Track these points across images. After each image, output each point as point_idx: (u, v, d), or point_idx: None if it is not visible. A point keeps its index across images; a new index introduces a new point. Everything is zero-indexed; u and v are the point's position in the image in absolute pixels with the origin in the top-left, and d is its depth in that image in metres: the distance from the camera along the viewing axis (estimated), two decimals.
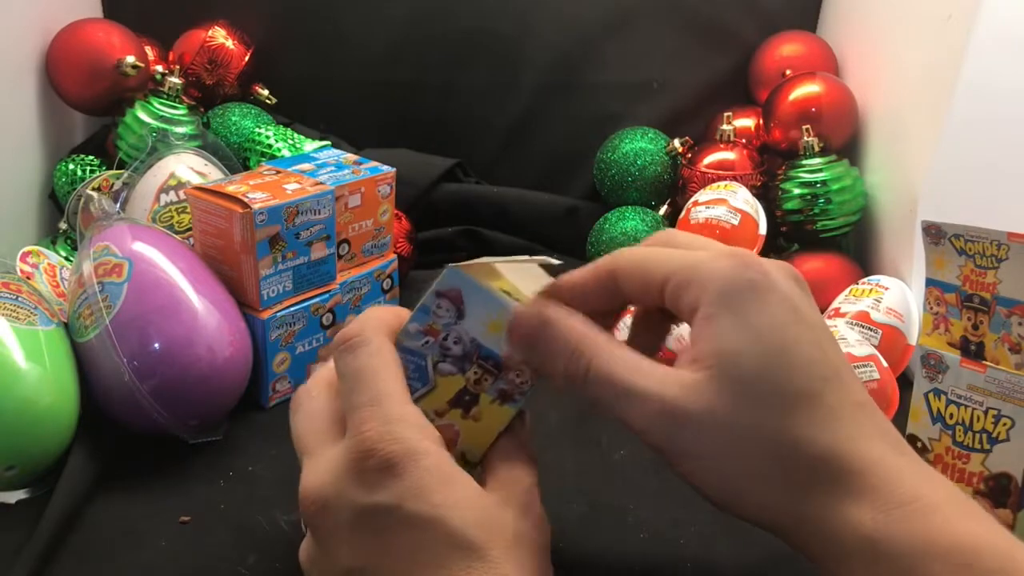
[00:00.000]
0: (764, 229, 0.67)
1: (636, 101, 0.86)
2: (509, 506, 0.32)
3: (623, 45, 0.85)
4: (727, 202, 0.66)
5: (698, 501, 0.31)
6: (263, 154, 0.74)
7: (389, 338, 0.34)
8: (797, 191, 0.71)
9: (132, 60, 0.72)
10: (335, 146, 0.77)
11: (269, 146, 0.74)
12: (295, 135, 0.76)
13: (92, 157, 0.74)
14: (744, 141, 0.77)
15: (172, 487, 0.47)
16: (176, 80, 0.74)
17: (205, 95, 0.81)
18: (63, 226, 0.70)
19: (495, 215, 0.82)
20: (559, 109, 0.87)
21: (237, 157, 0.74)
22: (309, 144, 0.75)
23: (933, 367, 0.44)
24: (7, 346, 0.45)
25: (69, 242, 0.70)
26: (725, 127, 0.77)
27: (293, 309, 0.56)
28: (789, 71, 0.79)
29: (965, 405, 0.43)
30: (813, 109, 0.73)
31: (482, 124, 0.87)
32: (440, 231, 0.81)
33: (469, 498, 0.30)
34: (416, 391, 0.34)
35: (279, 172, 0.58)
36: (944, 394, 0.44)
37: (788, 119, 0.74)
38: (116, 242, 0.51)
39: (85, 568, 0.41)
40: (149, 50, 0.78)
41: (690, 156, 0.77)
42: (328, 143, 0.77)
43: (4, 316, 0.47)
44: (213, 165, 0.67)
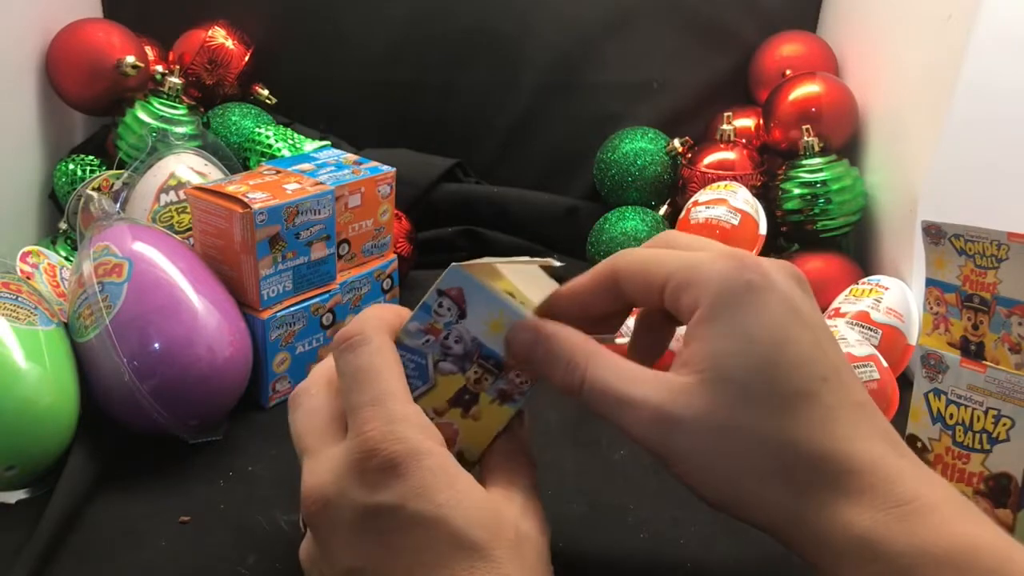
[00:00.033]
0: (764, 229, 0.67)
1: (636, 101, 0.86)
2: (511, 506, 0.32)
3: (623, 45, 0.85)
4: (727, 202, 0.66)
5: (698, 501, 0.32)
6: (263, 154, 0.74)
7: (389, 336, 0.34)
8: (797, 191, 0.71)
9: (132, 60, 0.72)
10: (335, 146, 0.77)
11: (269, 146, 0.74)
12: (295, 135, 0.76)
13: (92, 157, 0.74)
14: (744, 141, 0.77)
15: (172, 487, 0.47)
16: (176, 80, 0.74)
17: (205, 95, 0.81)
18: (63, 226, 0.70)
19: (495, 215, 0.82)
20: (559, 109, 0.87)
21: (237, 157, 0.74)
22: (309, 144, 0.75)
23: (933, 367, 0.44)
24: (7, 346, 0.45)
25: (69, 242, 0.70)
26: (725, 127, 0.77)
27: (293, 309, 0.56)
28: (789, 71, 0.79)
29: (965, 405, 0.43)
30: (813, 109, 0.73)
31: (482, 124, 0.87)
32: (440, 231, 0.81)
33: (472, 498, 0.30)
34: (416, 389, 0.34)
35: (279, 172, 0.58)
36: (944, 394, 0.44)
37: (788, 119, 0.74)
38: (116, 242, 0.51)
39: (85, 568, 0.41)
40: (149, 50, 0.78)
41: (690, 156, 0.77)
42: (328, 143, 0.77)
43: (4, 316, 0.47)
44: (213, 165, 0.66)
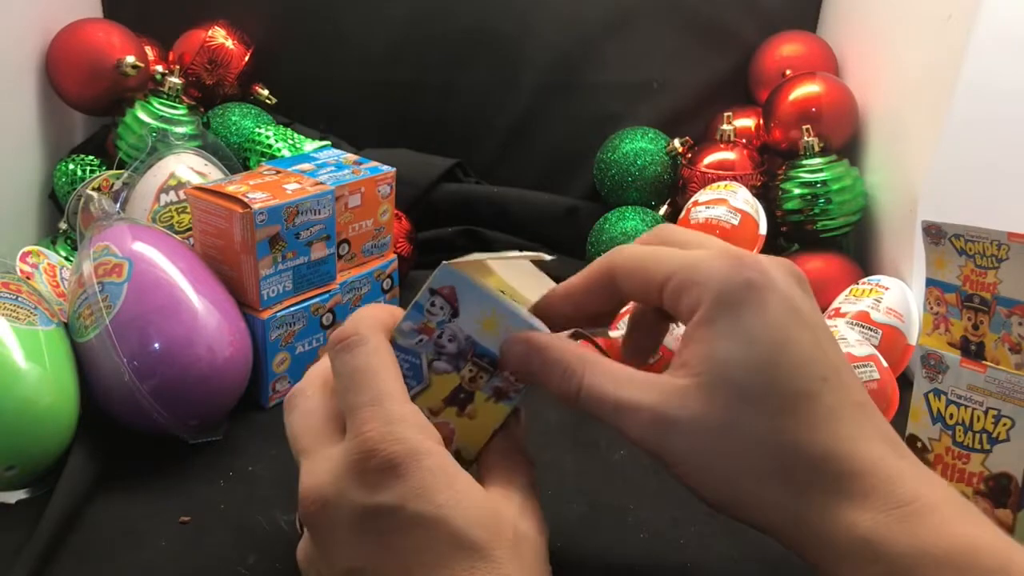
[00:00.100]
0: (764, 229, 0.67)
1: (636, 101, 0.86)
2: (509, 506, 0.32)
3: (623, 45, 0.85)
4: (727, 202, 0.66)
5: (697, 501, 0.32)
6: (263, 154, 0.74)
7: (385, 336, 0.34)
8: (797, 191, 0.71)
9: (132, 60, 0.72)
10: (335, 146, 0.77)
11: (269, 146, 0.74)
12: (295, 135, 0.76)
13: (92, 157, 0.74)
14: (744, 141, 0.77)
15: (172, 487, 0.47)
16: (176, 80, 0.74)
17: (205, 95, 0.81)
18: (63, 226, 0.70)
19: (495, 215, 0.82)
20: (559, 109, 0.87)
21: (237, 157, 0.74)
22: (309, 144, 0.75)
23: (933, 367, 0.44)
24: (7, 346, 0.45)
25: (69, 242, 0.70)
26: (725, 127, 0.77)
27: (293, 309, 0.56)
28: (789, 71, 0.79)
29: (965, 405, 0.43)
30: (813, 109, 0.73)
31: (482, 124, 0.87)
32: (440, 231, 0.81)
33: (472, 498, 0.30)
34: (411, 389, 0.34)
35: (279, 172, 0.58)
36: (944, 394, 0.44)
37: (788, 119, 0.74)
38: (116, 242, 0.51)
39: (85, 568, 0.41)
40: (149, 50, 0.78)
41: (690, 156, 0.77)
42: (328, 143, 0.77)
43: (4, 316, 0.47)
44: (213, 165, 0.66)
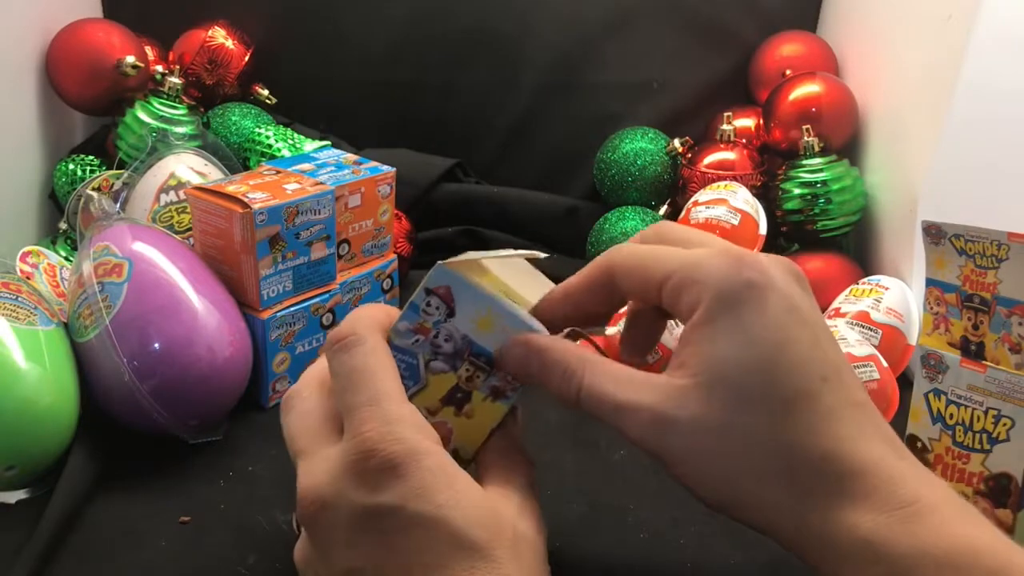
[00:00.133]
0: (764, 229, 0.67)
1: (636, 101, 0.86)
2: (508, 505, 0.32)
3: (623, 45, 0.85)
4: (727, 202, 0.66)
5: (697, 501, 0.31)
6: (263, 154, 0.74)
7: (382, 336, 0.34)
8: (797, 191, 0.71)
9: (132, 60, 0.72)
10: (335, 146, 0.77)
11: (269, 146, 0.74)
12: (295, 135, 0.76)
13: (92, 157, 0.74)
14: (744, 141, 0.77)
15: (172, 487, 0.47)
16: (176, 80, 0.74)
17: (205, 95, 0.81)
18: (63, 226, 0.70)
19: (495, 215, 0.82)
20: (559, 109, 0.87)
21: (237, 157, 0.74)
22: (309, 144, 0.75)
23: (933, 367, 0.44)
24: (7, 346, 0.45)
25: (69, 242, 0.70)
26: (725, 127, 0.77)
27: (293, 309, 0.56)
28: (789, 71, 0.79)
29: (965, 405, 0.43)
30: (813, 109, 0.73)
31: (482, 124, 0.87)
32: (440, 231, 0.81)
33: (471, 498, 0.30)
34: (408, 389, 0.34)
35: (279, 172, 0.58)
36: (944, 394, 0.44)
37: (788, 119, 0.74)
38: (116, 242, 0.51)
39: (85, 568, 0.41)
40: (149, 50, 0.78)
41: (690, 156, 0.77)
42: (328, 143, 0.77)
43: (4, 316, 0.47)
44: (213, 165, 0.66)
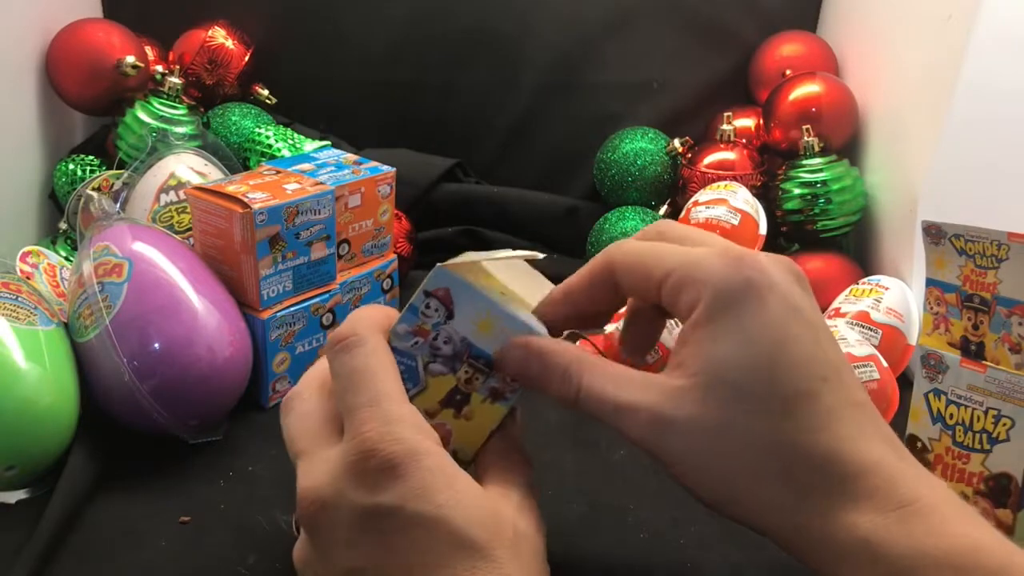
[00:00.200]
0: (764, 229, 0.67)
1: (636, 101, 0.86)
2: (508, 505, 0.32)
3: (623, 45, 0.85)
4: (727, 202, 0.66)
5: (697, 502, 0.31)
6: (263, 154, 0.74)
7: (383, 337, 0.34)
8: (797, 191, 0.71)
9: (132, 60, 0.72)
10: (335, 146, 0.77)
11: (269, 146, 0.74)
12: (295, 135, 0.76)
13: (92, 157, 0.74)
14: (744, 141, 0.77)
15: (172, 487, 0.47)
16: (176, 80, 0.74)
17: (205, 95, 0.81)
18: (63, 226, 0.70)
19: (495, 215, 0.82)
20: (559, 109, 0.87)
21: (237, 157, 0.74)
22: (309, 144, 0.75)
23: (933, 367, 0.44)
24: (7, 346, 0.45)
25: (69, 242, 0.70)
26: (725, 127, 0.77)
27: (293, 309, 0.56)
28: (789, 71, 0.79)
29: (965, 405, 0.43)
30: (813, 109, 0.73)
31: (482, 124, 0.87)
32: (440, 231, 0.81)
33: (471, 497, 0.30)
34: (407, 391, 0.34)
35: (279, 172, 0.58)
36: (944, 394, 0.44)
37: (788, 119, 0.74)
38: (116, 242, 0.51)
39: (85, 568, 0.41)
40: (149, 50, 0.78)
41: (690, 156, 0.77)
42: (328, 143, 0.77)
43: (4, 316, 0.47)
44: (213, 165, 0.66)
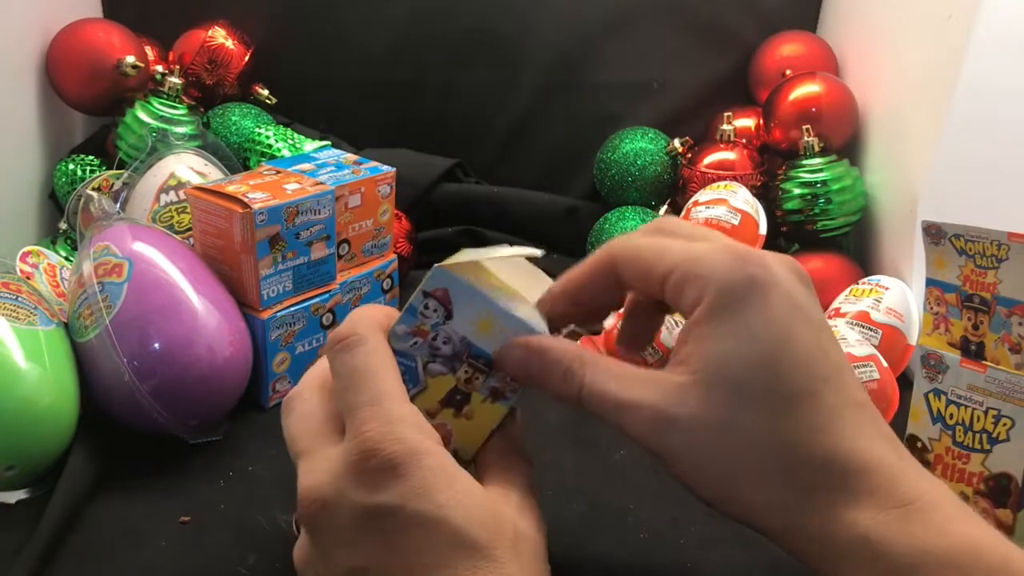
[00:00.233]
0: (764, 229, 0.67)
1: (636, 101, 0.86)
2: (508, 505, 0.32)
3: (623, 45, 0.85)
4: (727, 202, 0.66)
5: (697, 501, 0.31)
6: (263, 154, 0.74)
7: (383, 337, 0.34)
8: (797, 191, 0.71)
9: (132, 60, 0.72)
10: (335, 146, 0.77)
11: (269, 146, 0.74)
12: (295, 135, 0.76)
13: (92, 157, 0.74)
14: (744, 141, 0.77)
15: (172, 487, 0.47)
16: (176, 80, 0.74)
17: (205, 95, 0.81)
18: (63, 226, 0.70)
19: (495, 215, 0.82)
20: (559, 109, 0.87)
21: (237, 157, 0.74)
22: (309, 144, 0.75)
23: (933, 367, 0.44)
24: (7, 346, 0.45)
25: (69, 242, 0.70)
26: (725, 127, 0.77)
27: (293, 309, 0.56)
28: (789, 71, 0.79)
29: (965, 405, 0.43)
30: (813, 109, 0.73)
31: (482, 124, 0.87)
32: (440, 231, 0.81)
33: (472, 497, 0.30)
34: (407, 392, 0.34)
35: (279, 172, 0.58)
36: (944, 394, 0.44)
37: (788, 119, 0.74)
38: (116, 242, 0.51)
39: (85, 568, 0.41)
40: (149, 50, 0.78)
41: (690, 156, 0.77)
42: (328, 143, 0.77)
43: (4, 316, 0.47)
44: (213, 165, 0.66)
